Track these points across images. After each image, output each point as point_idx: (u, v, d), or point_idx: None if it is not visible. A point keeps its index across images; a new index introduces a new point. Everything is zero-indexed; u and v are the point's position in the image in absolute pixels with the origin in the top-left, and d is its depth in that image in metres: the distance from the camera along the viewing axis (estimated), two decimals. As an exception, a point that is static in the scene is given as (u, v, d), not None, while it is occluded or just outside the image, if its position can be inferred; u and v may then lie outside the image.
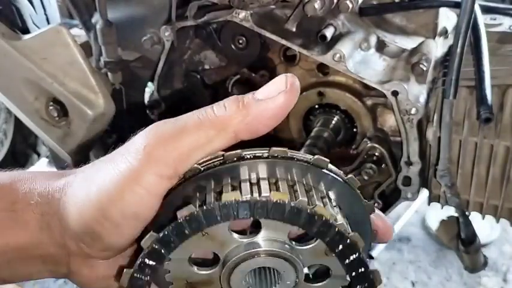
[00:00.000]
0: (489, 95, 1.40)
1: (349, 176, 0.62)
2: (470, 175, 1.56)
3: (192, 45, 1.73)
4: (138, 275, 0.56)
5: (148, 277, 0.56)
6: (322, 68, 1.64)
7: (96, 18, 1.70)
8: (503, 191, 1.55)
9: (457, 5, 1.54)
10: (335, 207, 0.60)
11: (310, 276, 0.64)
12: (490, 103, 1.39)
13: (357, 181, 0.61)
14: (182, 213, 0.54)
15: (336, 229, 0.56)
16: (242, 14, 1.49)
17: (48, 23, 2.09)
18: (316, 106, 1.68)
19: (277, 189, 0.58)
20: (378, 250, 2.59)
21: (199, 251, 0.63)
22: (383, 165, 1.60)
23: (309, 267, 0.63)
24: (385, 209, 1.64)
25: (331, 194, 0.62)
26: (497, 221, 1.63)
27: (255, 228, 0.59)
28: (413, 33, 1.65)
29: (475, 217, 1.65)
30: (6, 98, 1.78)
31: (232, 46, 1.64)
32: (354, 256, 0.57)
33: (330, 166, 0.61)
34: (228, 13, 1.51)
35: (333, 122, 1.66)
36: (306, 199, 0.57)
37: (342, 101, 1.64)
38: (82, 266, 0.62)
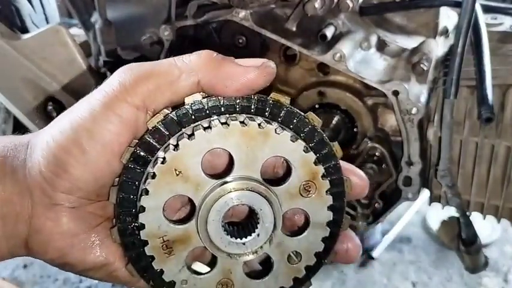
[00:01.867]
0: (490, 95, 1.39)
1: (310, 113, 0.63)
2: (471, 175, 1.56)
3: (192, 44, 1.72)
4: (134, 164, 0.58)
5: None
6: (323, 67, 1.63)
7: (95, 18, 1.70)
8: (504, 191, 1.54)
9: (457, 4, 1.53)
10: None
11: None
12: (491, 103, 1.38)
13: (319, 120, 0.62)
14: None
15: (287, 108, 0.60)
16: (242, 13, 1.49)
17: (47, 22, 2.09)
18: (317, 106, 1.67)
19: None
20: (378, 250, 2.59)
21: (174, 202, 0.63)
22: (383, 165, 1.59)
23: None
24: (385, 209, 1.63)
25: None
26: (498, 221, 1.63)
27: (228, 171, 0.60)
28: (414, 32, 1.65)
29: (475, 217, 1.65)
30: (5, 98, 1.78)
31: (232, 45, 1.64)
32: (309, 128, 0.61)
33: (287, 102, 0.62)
34: (228, 12, 1.51)
35: (334, 121, 1.65)
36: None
37: (342, 101, 1.63)
38: (45, 218, 0.59)
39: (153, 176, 0.57)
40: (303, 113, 0.61)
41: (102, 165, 0.58)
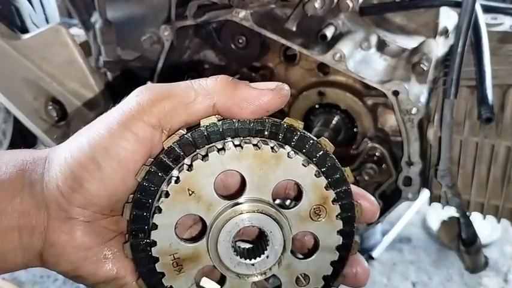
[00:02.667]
0: (490, 95, 1.39)
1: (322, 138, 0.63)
2: (471, 175, 1.56)
3: (192, 44, 1.72)
4: (153, 173, 0.60)
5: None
6: (323, 67, 1.63)
7: (96, 18, 1.70)
8: (504, 191, 1.54)
9: (457, 5, 1.53)
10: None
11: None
12: (491, 103, 1.38)
13: (331, 145, 0.63)
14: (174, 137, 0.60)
15: (300, 132, 0.61)
16: (242, 13, 1.49)
17: (48, 22, 2.08)
18: (317, 106, 1.68)
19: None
20: (378, 250, 2.59)
21: (186, 220, 0.64)
22: (383, 166, 1.59)
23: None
24: (385, 209, 1.63)
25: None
26: (498, 221, 1.63)
27: (240, 192, 0.61)
28: (414, 32, 1.65)
29: (475, 217, 1.65)
30: (5, 98, 1.78)
31: (232, 46, 1.64)
32: (322, 153, 0.61)
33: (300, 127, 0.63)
34: (228, 12, 1.51)
35: (333, 121, 1.65)
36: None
37: (342, 101, 1.63)
38: (60, 232, 0.61)
39: (167, 195, 0.59)
40: (316, 138, 0.61)
41: (117, 181, 0.60)
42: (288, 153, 0.59)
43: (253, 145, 0.59)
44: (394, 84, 1.43)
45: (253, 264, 0.62)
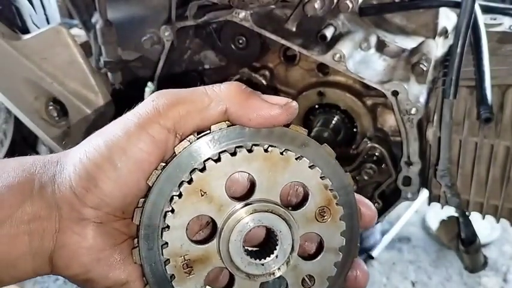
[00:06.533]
0: (489, 95, 1.40)
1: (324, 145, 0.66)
2: (471, 175, 1.56)
3: (192, 45, 1.73)
4: None
5: None
6: (322, 67, 1.64)
7: (96, 18, 1.70)
8: (503, 191, 1.55)
9: (457, 5, 1.54)
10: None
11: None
12: (490, 103, 1.39)
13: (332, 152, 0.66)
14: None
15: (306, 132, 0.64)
16: (242, 13, 1.49)
17: (48, 23, 2.09)
18: (316, 106, 1.68)
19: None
20: (378, 250, 2.59)
21: (193, 225, 0.65)
22: (383, 165, 1.60)
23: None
24: (385, 209, 1.64)
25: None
26: (498, 221, 1.63)
27: (249, 194, 0.63)
28: (414, 33, 1.65)
29: (475, 217, 1.65)
30: (6, 98, 1.78)
31: (232, 46, 1.64)
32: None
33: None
34: (228, 13, 1.51)
35: (333, 122, 1.66)
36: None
37: (342, 101, 1.64)
38: (71, 233, 0.61)
39: (180, 195, 0.61)
40: (320, 144, 0.65)
41: (131, 182, 0.61)
42: (295, 156, 0.62)
43: (263, 149, 0.62)
44: (393, 84, 1.44)
45: (263, 264, 0.63)
